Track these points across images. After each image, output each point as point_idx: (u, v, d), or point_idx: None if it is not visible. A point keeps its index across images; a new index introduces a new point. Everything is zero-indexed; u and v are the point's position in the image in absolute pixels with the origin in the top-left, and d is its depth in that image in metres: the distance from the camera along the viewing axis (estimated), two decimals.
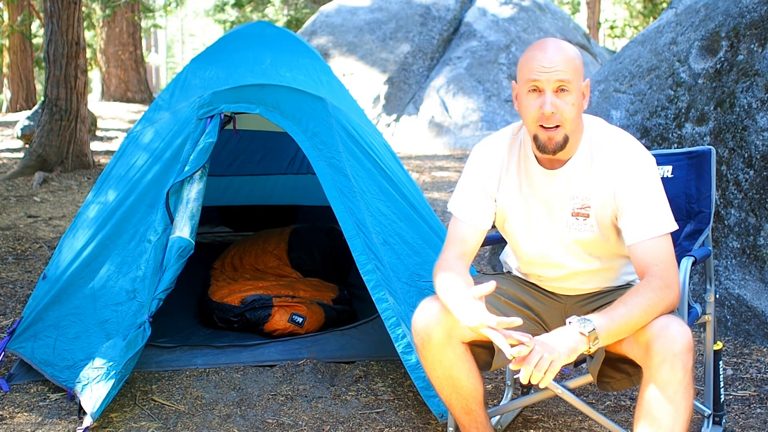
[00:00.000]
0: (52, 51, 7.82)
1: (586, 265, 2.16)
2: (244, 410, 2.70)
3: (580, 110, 2.02)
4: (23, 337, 2.94)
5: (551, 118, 1.96)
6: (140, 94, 16.54)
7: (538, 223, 2.15)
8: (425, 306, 2.08)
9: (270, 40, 3.87)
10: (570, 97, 1.96)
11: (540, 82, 1.96)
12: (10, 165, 8.83)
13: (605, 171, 2.04)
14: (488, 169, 2.18)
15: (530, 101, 1.99)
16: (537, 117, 1.98)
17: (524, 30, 11.97)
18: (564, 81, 1.95)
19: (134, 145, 3.38)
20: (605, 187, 2.04)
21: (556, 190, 2.10)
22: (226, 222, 5.53)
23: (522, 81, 2.02)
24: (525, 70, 2.00)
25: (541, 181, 2.11)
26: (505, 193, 2.17)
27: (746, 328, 3.30)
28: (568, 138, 2.00)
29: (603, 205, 2.05)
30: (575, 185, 2.08)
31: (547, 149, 2.01)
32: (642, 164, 2.03)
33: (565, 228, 2.11)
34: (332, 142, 3.09)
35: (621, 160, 2.03)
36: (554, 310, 2.22)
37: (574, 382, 2.23)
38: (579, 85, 2.00)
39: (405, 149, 10.51)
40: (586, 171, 2.07)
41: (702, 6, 3.96)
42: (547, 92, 1.96)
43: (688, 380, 1.81)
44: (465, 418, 2.19)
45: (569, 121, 1.98)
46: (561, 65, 1.95)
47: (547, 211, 2.12)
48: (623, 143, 2.06)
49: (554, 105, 1.95)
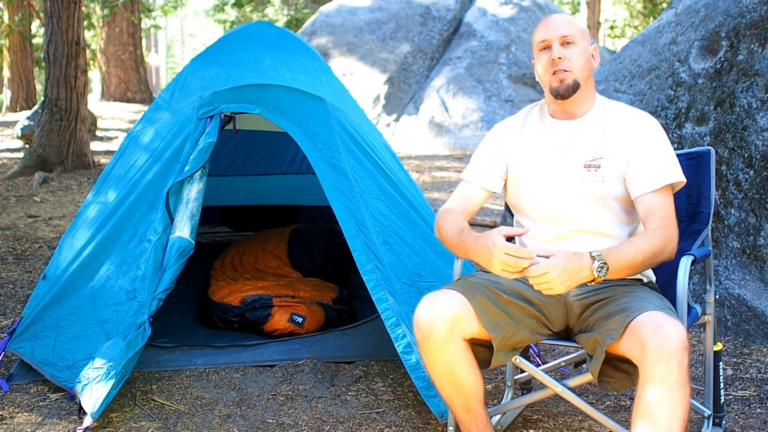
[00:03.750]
0: (52, 51, 7.83)
1: (592, 223, 2.22)
2: (244, 410, 2.70)
3: (588, 62, 2.23)
4: (23, 337, 2.94)
5: (559, 63, 2.19)
6: (140, 94, 16.54)
7: (551, 177, 2.26)
8: (428, 302, 2.10)
9: (270, 40, 3.87)
10: (575, 47, 2.20)
11: (547, 40, 2.22)
12: (10, 165, 8.83)
13: (617, 127, 2.22)
14: (503, 134, 2.39)
15: (542, 58, 2.24)
16: (548, 68, 2.21)
17: (524, 30, 11.97)
18: (568, 35, 2.20)
19: (134, 145, 3.38)
20: (617, 141, 2.20)
21: (570, 143, 2.25)
22: (226, 222, 5.53)
23: (535, 48, 2.27)
24: (535, 37, 2.27)
25: (556, 132, 2.27)
26: (518, 149, 2.33)
27: (746, 328, 3.30)
28: (578, 83, 2.20)
29: (614, 158, 2.19)
30: (589, 139, 2.23)
31: (560, 92, 2.20)
32: (650, 123, 2.22)
33: (577, 180, 2.22)
34: (332, 142, 3.09)
35: (631, 119, 2.23)
36: (556, 305, 2.23)
37: (575, 381, 2.23)
38: (584, 43, 2.23)
39: (405, 149, 10.51)
40: (599, 126, 2.24)
41: (702, 6, 3.96)
42: (554, 44, 2.21)
43: (683, 379, 1.82)
44: (465, 416, 2.20)
45: (578, 68, 2.20)
46: (564, 25, 2.23)
47: (560, 164, 2.25)
48: (633, 108, 2.29)
49: (560, 52, 2.19)
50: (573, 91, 2.20)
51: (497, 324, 2.11)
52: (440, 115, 10.96)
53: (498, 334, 2.10)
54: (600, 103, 2.29)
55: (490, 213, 6.64)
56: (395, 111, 11.39)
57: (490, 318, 2.11)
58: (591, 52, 2.25)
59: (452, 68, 11.44)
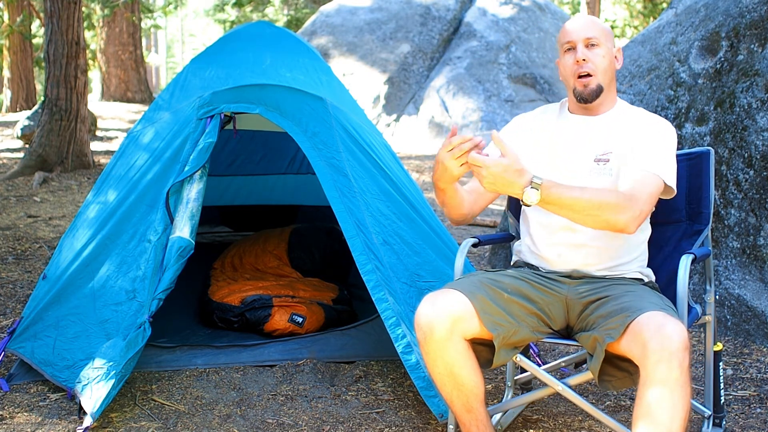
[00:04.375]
0: (52, 51, 7.83)
1: None
2: (244, 410, 2.70)
3: (612, 64, 2.28)
4: (23, 337, 2.94)
5: (584, 65, 2.24)
6: (140, 94, 16.54)
7: (561, 168, 2.28)
8: (429, 301, 2.10)
9: (270, 40, 3.87)
10: (599, 49, 2.25)
11: (572, 41, 2.27)
12: (10, 165, 8.83)
13: (631, 127, 2.26)
14: (516, 129, 2.44)
15: (566, 59, 2.29)
16: (573, 70, 2.26)
17: (524, 30, 11.97)
18: (592, 38, 2.25)
19: (134, 145, 3.38)
20: (627, 138, 2.24)
21: (583, 138, 2.29)
22: (226, 222, 5.53)
23: (560, 49, 2.31)
24: (560, 37, 2.31)
25: (571, 127, 2.32)
26: (530, 140, 2.38)
27: (746, 328, 3.30)
28: (602, 88, 2.26)
29: (622, 154, 2.22)
30: (602, 135, 2.28)
31: (584, 96, 2.26)
32: (663, 126, 2.25)
33: (586, 173, 2.25)
34: (332, 142, 3.09)
35: (645, 119, 2.28)
36: (557, 302, 2.23)
37: (575, 380, 2.24)
38: (608, 45, 2.28)
39: (405, 149, 10.51)
40: (614, 124, 2.29)
41: (702, 6, 3.96)
42: (579, 46, 2.26)
43: (684, 379, 1.83)
44: (466, 416, 2.20)
45: (602, 71, 2.25)
46: (589, 26, 2.28)
47: (571, 156, 2.29)
48: (653, 114, 2.33)
49: (585, 54, 2.24)
50: (597, 95, 2.26)
51: (498, 323, 2.12)
52: (440, 115, 10.96)
53: (499, 333, 2.11)
54: (620, 105, 2.35)
55: (491, 213, 6.64)
56: (395, 111, 11.39)
57: (492, 317, 2.11)
58: (614, 54, 2.30)
59: (452, 68, 11.45)
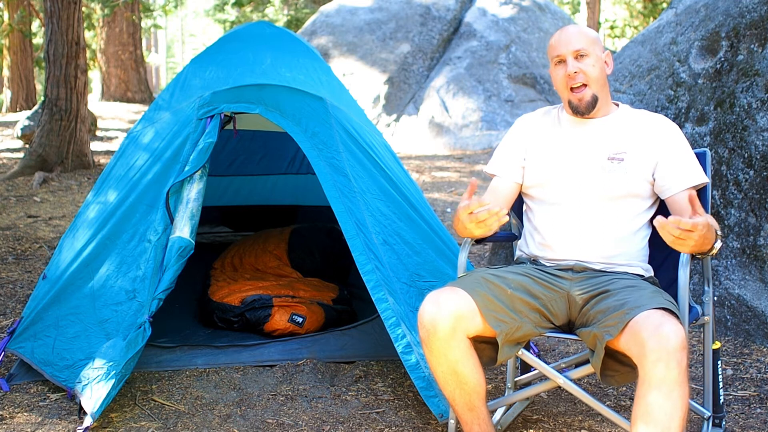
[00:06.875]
0: (52, 51, 7.83)
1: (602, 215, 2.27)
2: (244, 410, 2.70)
3: (602, 72, 2.33)
4: (23, 337, 2.94)
5: (575, 77, 2.29)
6: (140, 94, 16.54)
7: (573, 166, 2.32)
8: (432, 299, 2.11)
9: (270, 40, 3.87)
10: (589, 59, 2.30)
11: (561, 55, 2.31)
12: (10, 165, 8.83)
13: (641, 128, 2.31)
14: (522, 128, 2.48)
15: (558, 72, 2.34)
16: (565, 82, 2.31)
17: (524, 30, 11.96)
18: (581, 49, 2.30)
19: (134, 145, 3.38)
20: (641, 141, 2.29)
21: (593, 138, 2.33)
22: (226, 222, 5.53)
23: (551, 62, 2.37)
24: (550, 51, 2.36)
25: (579, 128, 2.36)
26: (537, 139, 2.42)
27: (746, 328, 3.30)
28: (596, 97, 2.31)
29: (639, 156, 2.27)
30: (613, 136, 2.32)
31: (580, 109, 2.31)
32: (673, 126, 2.32)
33: (600, 170, 2.29)
34: (332, 142, 3.09)
35: (654, 121, 2.33)
36: (559, 299, 2.24)
37: (577, 373, 2.24)
38: (597, 53, 2.32)
39: (405, 149, 10.51)
40: (623, 125, 2.33)
41: (702, 6, 3.96)
42: (569, 59, 2.30)
43: (683, 378, 1.84)
44: (468, 414, 2.20)
45: (594, 80, 2.30)
46: (577, 37, 2.32)
47: (582, 154, 2.32)
48: (654, 113, 2.39)
49: (576, 66, 2.29)
50: (592, 107, 2.31)
51: (501, 320, 2.13)
52: (440, 115, 10.95)
53: (502, 330, 2.12)
54: (623, 108, 2.40)
55: None
56: (395, 111, 11.38)
57: (495, 314, 2.12)
58: (604, 59, 2.34)
59: (452, 68, 11.44)
